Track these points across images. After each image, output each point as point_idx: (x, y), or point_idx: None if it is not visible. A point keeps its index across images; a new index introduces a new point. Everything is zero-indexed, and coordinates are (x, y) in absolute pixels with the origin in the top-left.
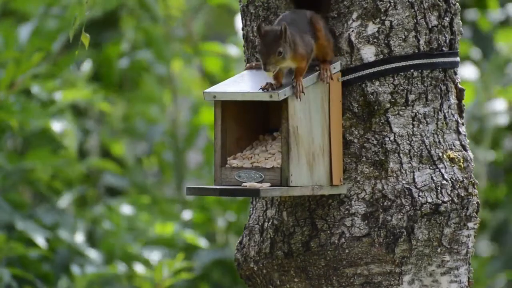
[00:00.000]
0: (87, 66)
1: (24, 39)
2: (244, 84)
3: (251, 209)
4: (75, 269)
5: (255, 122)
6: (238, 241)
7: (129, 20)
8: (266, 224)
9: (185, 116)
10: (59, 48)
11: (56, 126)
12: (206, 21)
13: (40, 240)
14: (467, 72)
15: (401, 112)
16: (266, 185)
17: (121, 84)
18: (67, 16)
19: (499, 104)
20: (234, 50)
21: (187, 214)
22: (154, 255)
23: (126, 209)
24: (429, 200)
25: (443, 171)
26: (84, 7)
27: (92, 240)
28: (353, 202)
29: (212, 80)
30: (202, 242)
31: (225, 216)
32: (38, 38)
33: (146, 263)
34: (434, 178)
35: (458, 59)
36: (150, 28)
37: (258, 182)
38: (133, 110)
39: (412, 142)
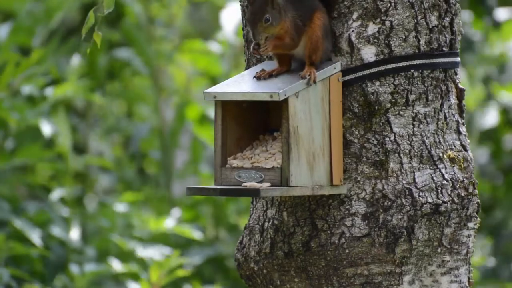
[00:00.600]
0: (76, 61)
1: (3, 36)
2: (244, 84)
3: (251, 209)
4: (72, 267)
5: (255, 122)
6: (239, 241)
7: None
8: (266, 224)
9: (171, 115)
10: (39, 43)
11: (48, 123)
12: (198, 20)
13: (36, 239)
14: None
15: (401, 112)
16: (266, 185)
17: (104, 82)
18: (45, 10)
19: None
20: (217, 47)
21: (176, 212)
22: (149, 252)
23: (119, 206)
24: (430, 200)
25: (443, 171)
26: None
27: (84, 237)
28: (353, 202)
29: (209, 78)
30: (196, 235)
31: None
32: (18, 35)
33: (141, 260)
34: (435, 178)
35: (458, 59)
36: (131, 28)
37: (258, 182)
38: (121, 108)
39: (413, 142)
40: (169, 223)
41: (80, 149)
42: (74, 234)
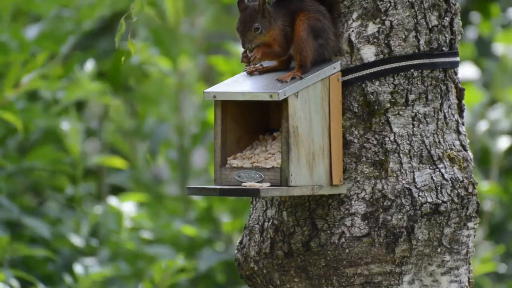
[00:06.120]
0: (90, 65)
1: (31, 40)
2: (244, 84)
3: (251, 209)
4: (78, 268)
5: (255, 122)
6: (238, 241)
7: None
8: (266, 224)
9: (192, 114)
10: (68, 50)
11: (62, 125)
12: (214, 20)
13: (45, 232)
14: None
15: (401, 112)
16: (266, 185)
17: (125, 83)
18: (77, 18)
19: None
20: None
21: (191, 215)
22: (157, 253)
23: (129, 206)
24: (429, 200)
25: (443, 171)
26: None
27: (95, 238)
28: (353, 202)
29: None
30: (206, 237)
31: (229, 215)
32: (48, 39)
33: (150, 261)
34: (434, 178)
35: (458, 59)
36: (157, 26)
37: (258, 182)
38: (139, 109)
39: (412, 142)
40: (178, 224)
41: (90, 150)
42: (83, 234)
